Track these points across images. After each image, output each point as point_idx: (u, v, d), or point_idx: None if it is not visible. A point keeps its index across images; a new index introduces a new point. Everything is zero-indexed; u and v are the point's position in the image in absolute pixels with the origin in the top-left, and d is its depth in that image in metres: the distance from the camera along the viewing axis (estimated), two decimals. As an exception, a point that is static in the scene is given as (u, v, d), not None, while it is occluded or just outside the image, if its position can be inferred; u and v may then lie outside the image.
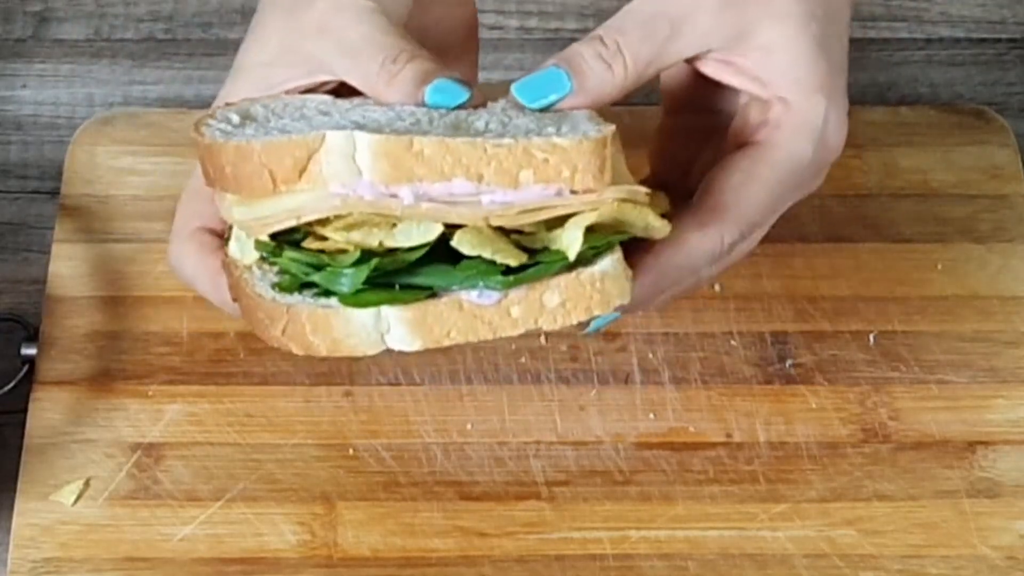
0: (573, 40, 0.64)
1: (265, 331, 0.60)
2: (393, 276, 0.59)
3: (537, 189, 0.58)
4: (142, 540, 0.74)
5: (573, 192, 0.58)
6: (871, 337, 0.80)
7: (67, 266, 0.82)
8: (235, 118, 0.63)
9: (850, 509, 0.75)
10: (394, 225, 0.59)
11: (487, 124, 0.61)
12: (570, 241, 0.58)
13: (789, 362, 0.80)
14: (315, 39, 0.65)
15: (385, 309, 0.59)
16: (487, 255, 0.58)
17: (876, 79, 0.91)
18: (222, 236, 0.66)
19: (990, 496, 0.76)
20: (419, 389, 0.78)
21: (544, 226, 0.59)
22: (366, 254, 0.58)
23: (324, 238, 0.59)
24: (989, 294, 0.82)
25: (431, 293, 0.59)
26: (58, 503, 0.75)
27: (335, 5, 0.65)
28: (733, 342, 0.80)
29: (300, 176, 0.59)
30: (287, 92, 0.66)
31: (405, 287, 0.59)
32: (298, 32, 0.65)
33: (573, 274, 0.59)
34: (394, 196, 0.58)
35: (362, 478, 0.76)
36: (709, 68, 0.65)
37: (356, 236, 0.59)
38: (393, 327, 0.59)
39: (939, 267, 0.83)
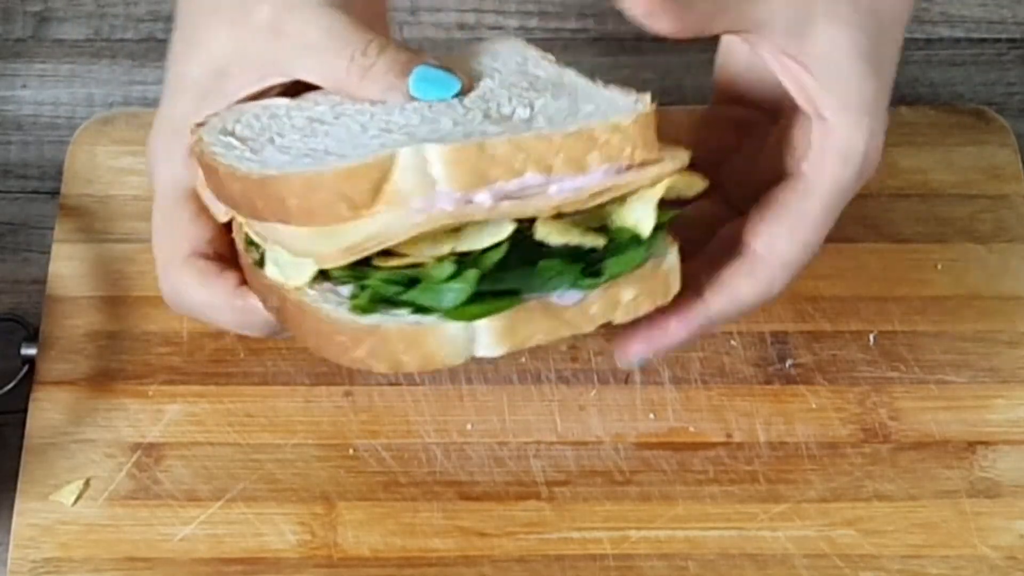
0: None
1: (343, 353, 0.59)
2: (482, 284, 0.58)
3: (602, 171, 0.58)
4: (142, 540, 0.74)
5: (630, 167, 0.58)
6: (871, 337, 0.80)
7: (67, 266, 0.82)
8: (233, 141, 0.61)
9: (850, 509, 0.75)
10: (459, 230, 0.58)
11: (514, 111, 0.61)
12: (641, 218, 0.59)
13: (789, 362, 0.80)
14: (268, 41, 0.63)
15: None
16: (573, 242, 0.58)
17: (876, 79, 0.91)
18: (215, 258, 0.64)
19: (990, 496, 0.76)
20: (419, 389, 0.78)
21: (606, 208, 0.59)
22: (460, 265, 0.57)
23: (391, 253, 0.58)
24: (989, 294, 0.82)
25: (519, 298, 0.58)
26: (58, 503, 0.75)
27: (286, 5, 0.63)
28: (733, 342, 0.80)
29: (375, 199, 0.57)
30: (239, 101, 0.64)
31: (496, 294, 0.58)
32: (247, 36, 0.63)
33: (648, 267, 0.59)
34: (470, 202, 0.57)
35: (362, 478, 0.76)
36: (765, 52, 0.64)
37: (427, 248, 0.58)
38: (480, 335, 0.58)
39: (939, 267, 0.83)
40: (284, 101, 0.64)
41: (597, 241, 0.58)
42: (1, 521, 0.75)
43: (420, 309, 0.58)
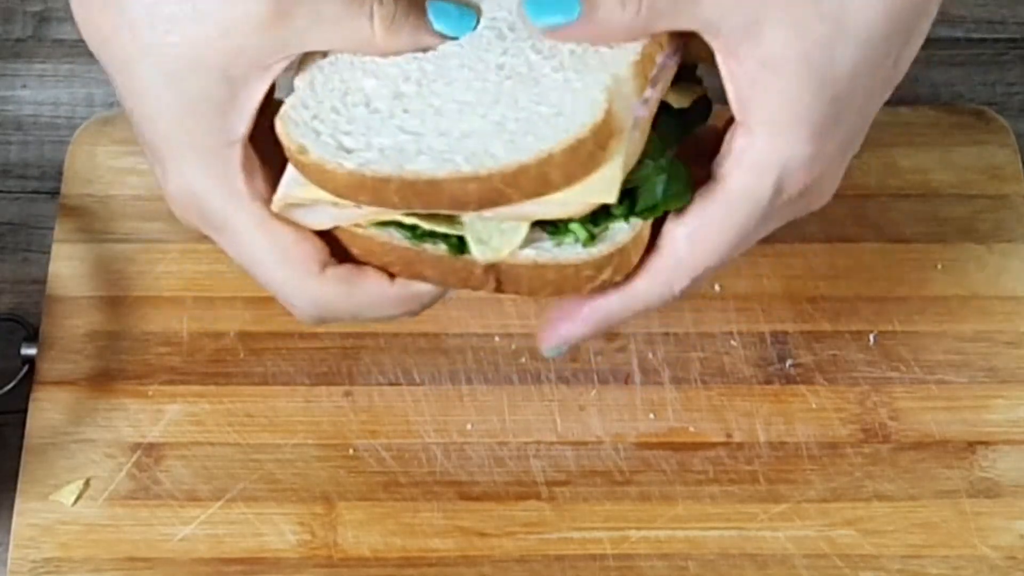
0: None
1: (588, 283, 0.61)
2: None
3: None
4: (142, 540, 0.74)
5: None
6: (871, 337, 0.80)
7: (67, 266, 0.82)
8: (331, 142, 0.60)
9: (850, 509, 0.75)
10: None
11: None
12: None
13: (789, 362, 0.80)
14: (269, 29, 0.60)
15: None
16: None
17: (876, 79, 0.91)
18: (337, 261, 0.63)
19: (990, 496, 0.76)
20: (419, 389, 0.78)
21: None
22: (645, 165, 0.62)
23: None
24: (989, 294, 0.82)
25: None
26: (58, 503, 0.75)
27: None
28: (733, 342, 0.80)
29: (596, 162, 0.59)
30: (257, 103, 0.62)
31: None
32: (243, 33, 0.60)
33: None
34: (647, 100, 0.61)
35: (362, 478, 0.76)
36: (716, 51, 0.60)
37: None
38: None
39: (939, 267, 0.83)
40: (362, 93, 0.62)
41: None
42: (1, 521, 0.75)
43: (638, 214, 0.61)
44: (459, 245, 0.61)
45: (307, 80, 0.62)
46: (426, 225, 0.61)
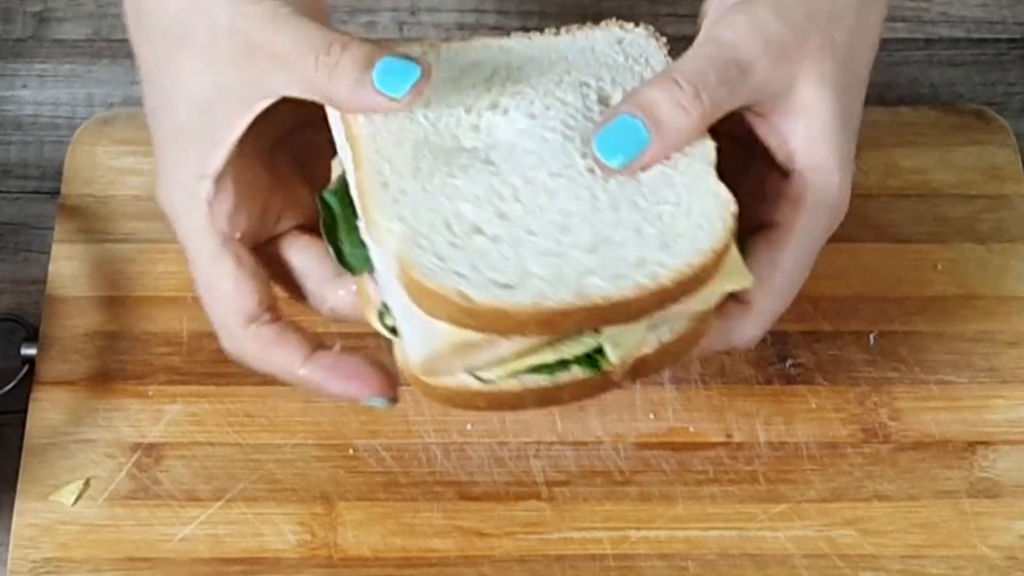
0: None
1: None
2: None
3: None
4: (142, 540, 0.74)
5: None
6: (871, 337, 0.80)
7: (67, 266, 0.82)
8: (478, 279, 0.59)
9: (850, 509, 0.75)
10: None
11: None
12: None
13: (789, 362, 0.80)
14: (243, 64, 0.61)
15: None
16: None
17: (876, 79, 0.90)
18: (271, 317, 0.65)
19: (990, 496, 0.76)
20: (419, 389, 0.78)
21: None
22: None
23: None
24: (989, 294, 0.82)
25: None
26: (58, 503, 0.75)
27: (247, 23, 0.61)
28: (733, 342, 0.80)
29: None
30: (234, 138, 0.63)
31: None
32: (221, 64, 0.62)
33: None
34: None
35: (362, 478, 0.76)
36: (751, 120, 0.65)
37: None
38: None
39: (939, 267, 0.83)
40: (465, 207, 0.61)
41: None
42: (1, 521, 0.75)
43: None
44: (592, 361, 0.62)
45: (396, 219, 0.60)
46: (567, 352, 0.61)
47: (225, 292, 0.65)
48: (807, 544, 0.74)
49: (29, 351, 0.79)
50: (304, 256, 0.67)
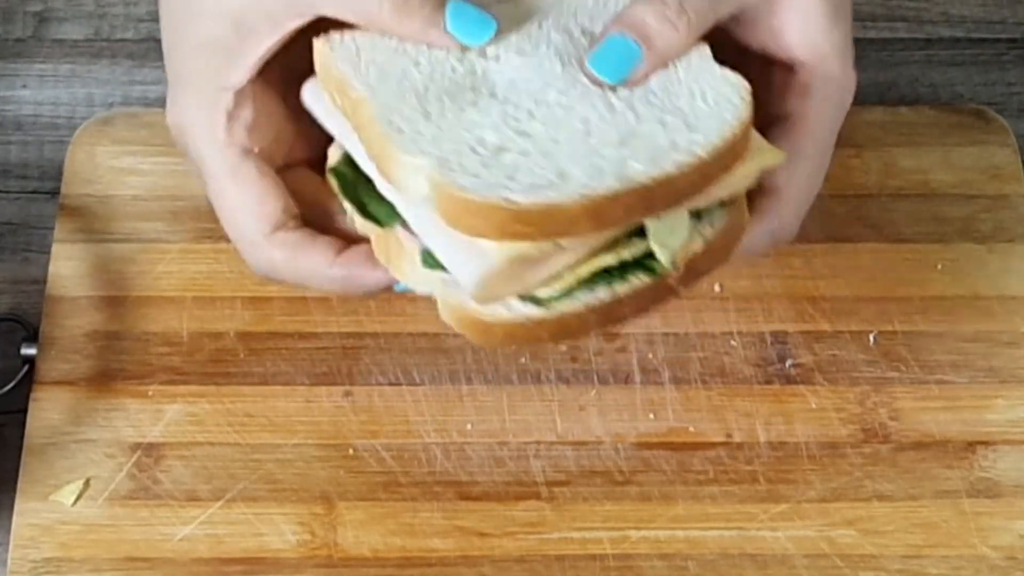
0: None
1: None
2: None
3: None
4: (142, 540, 0.74)
5: None
6: (871, 337, 0.80)
7: (67, 266, 0.82)
8: (473, 156, 0.60)
9: (850, 509, 0.75)
10: None
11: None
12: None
13: (789, 362, 0.80)
14: None
15: None
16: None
17: (876, 79, 0.91)
18: (297, 225, 0.65)
19: (990, 496, 0.76)
20: (419, 389, 0.78)
21: None
22: None
23: None
24: (989, 294, 0.82)
25: None
26: (58, 503, 0.75)
27: None
28: (733, 342, 0.80)
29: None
30: (262, 56, 0.63)
31: None
32: None
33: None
34: None
35: (362, 478, 0.76)
36: (740, 29, 0.66)
37: None
38: None
39: (939, 267, 0.83)
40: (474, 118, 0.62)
41: None
42: (1, 521, 0.75)
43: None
44: (647, 268, 0.63)
45: (421, 154, 0.60)
46: (626, 253, 0.62)
47: (247, 202, 0.64)
48: (807, 544, 0.74)
49: (29, 351, 0.79)
50: (313, 186, 0.68)
